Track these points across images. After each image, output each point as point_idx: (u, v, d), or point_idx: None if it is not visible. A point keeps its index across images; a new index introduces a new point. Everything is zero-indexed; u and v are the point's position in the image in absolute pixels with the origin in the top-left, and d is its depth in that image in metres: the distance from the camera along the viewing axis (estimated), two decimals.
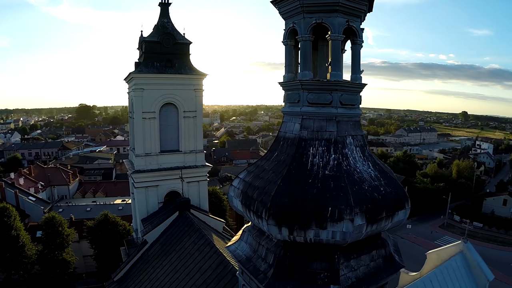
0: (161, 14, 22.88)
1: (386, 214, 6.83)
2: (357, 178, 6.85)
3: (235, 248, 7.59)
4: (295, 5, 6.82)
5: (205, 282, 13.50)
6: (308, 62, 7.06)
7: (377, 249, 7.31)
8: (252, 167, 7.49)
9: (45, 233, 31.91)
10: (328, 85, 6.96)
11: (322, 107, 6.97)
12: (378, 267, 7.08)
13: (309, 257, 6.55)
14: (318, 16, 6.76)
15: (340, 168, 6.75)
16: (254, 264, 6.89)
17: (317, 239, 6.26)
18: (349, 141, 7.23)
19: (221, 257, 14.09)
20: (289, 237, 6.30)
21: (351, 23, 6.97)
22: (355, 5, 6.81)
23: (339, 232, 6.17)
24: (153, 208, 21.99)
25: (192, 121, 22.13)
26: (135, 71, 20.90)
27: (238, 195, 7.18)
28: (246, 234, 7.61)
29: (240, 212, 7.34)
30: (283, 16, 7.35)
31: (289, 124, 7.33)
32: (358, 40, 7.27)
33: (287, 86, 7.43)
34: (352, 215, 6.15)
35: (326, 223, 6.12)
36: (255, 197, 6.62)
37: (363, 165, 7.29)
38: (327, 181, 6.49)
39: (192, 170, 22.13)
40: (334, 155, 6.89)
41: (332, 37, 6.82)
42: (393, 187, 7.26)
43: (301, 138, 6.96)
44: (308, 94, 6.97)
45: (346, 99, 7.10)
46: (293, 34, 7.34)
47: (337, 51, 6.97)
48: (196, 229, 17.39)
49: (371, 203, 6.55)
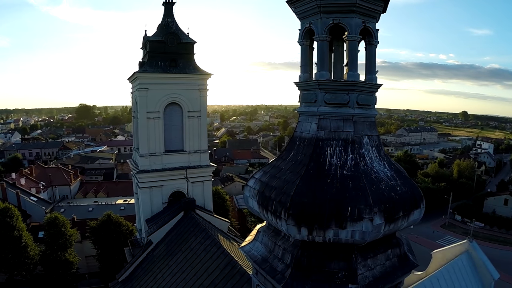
0: (165, 14, 22.79)
1: (403, 214, 6.85)
2: (375, 178, 6.88)
3: (249, 248, 7.53)
4: (312, 5, 6.79)
5: (213, 283, 13.41)
6: (325, 62, 7.06)
7: (392, 248, 7.33)
8: (267, 167, 7.43)
9: (47, 233, 31.75)
10: (345, 85, 6.98)
11: (339, 107, 6.98)
12: (393, 266, 7.11)
13: (327, 256, 6.55)
14: (335, 17, 6.75)
15: (358, 168, 6.77)
16: (271, 265, 6.87)
17: (336, 238, 6.26)
18: (365, 141, 7.26)
19: (228, 257, 14.00)
20: (308, 237, 6.30)
21: (367, 24, 6.97)
22: (371, 6, 6.82)
23: (359, 231, 6.18)
24: (158, 208, 21.90)
25: (196, 121, 22.04)
26: (139, 71, 20.80)
27: (254, 196, 7.12)
28: (260, 235, 7.55)
29: (256, 213, 7.27)
30: (299, 16, 7.30)
31: (305, 124, 7.31)
32: (374, 41, 7.27)
33: (303, 86, 7.40)
34: (371, 214, 6.16)
35: (345, 222, 6.12)
36: (273, 197, 6.58)
37: (379, 165, 7.33)
38: (346, 181, 6.51)
39: (197, 170, 22.05)
40: (351, 155, 6.93)
41: (349, 37, 6.83)
42: (409, 187, 7.29)
43: (318, 138, 6.95)
44: (325, 95, 6.96)
45: (363, 99, 7.11)
46: (309, 34, 7.32)
47: (354, 51, 6.98)
48: (202, 229, 17.31)
49: (389, 203, 6.57)
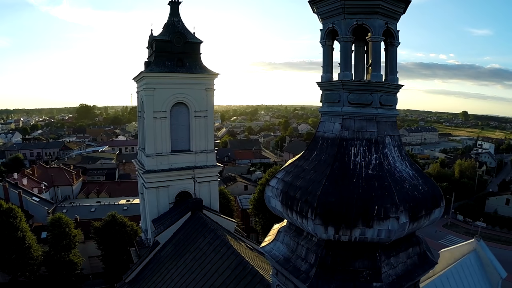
0: (171, 13, 22.69)
1: (425, 212, 6.90)
2: (398, 177, 6.91)
3: (270, 248, 7.49)
4: (336, 6, 6.80)
5: (224, 283, 13.29)
6: (349, 62, 7.08)
7: (413, 246, 7.39)
8: (289, 166, 7.40)
9: (51, 234, 31.50)
10: (369, 86, 7.01)
11: (362, 108, 7.00)
12: (414, 264, 7.17)
13: (351, 255, 6.58)
14: (359, 18, 6.79)
15: (382, 168, 6.79)
16: (294, 264, 6.87)
17: (362, 237, 6.30)
18: (388, 141, 7.31)
19: (239, 257, 13.87)
20: (334, 236, 6.31)
21: (389, 25, 7.02)
22: (394, 7, 6.85)
23: (385, 230, 6.22)
24: (164, 209, 21.79)
25: (203, 121, 21.93)
26: (146, 70, 20.68)
27: (277, 195, 7.09)
28: (281, 235, 7.51)
29: (279, 213, 7.24)
30: (321, 16, 7.30)
31: (328, 124, 7.31)
32: (395, 42, 7.32)
33: (326, 86, 7.40)
34: (397, 213, 6.21)
35: (372, 221, 6.16)
36: (298, 197, 6.57)
37: (401, 164, 7.39)
38: (371, 180, 6.53)
39: (203, 170, 21.94)
40: (375, 155, 6.95)
41: (373, 38, 6.87)
42: (430, 186, 7.33)
43: (342, 138, 6.95)
44: (349, 95, 6.98)
45: (386, 100, 7.15)
46: (331, 35, 7.34)
47: (377, 52, 7.01)
48: (211, 230, 17.19)
49: (413, 202, 6.62)
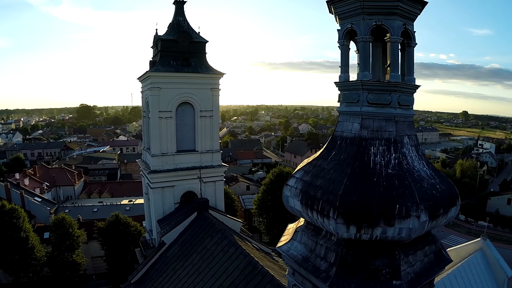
0: (176, 13, 22.61)
1: (443, 211, 6.97)
2: (417, 176, 6.97)
3: (287, 248, 7.49)
4: (355, 6, 6.84)
5: (233, 283, 13.21)
6: (368, 62, 7.11)
7: (429, 244, 7.47)
8: (308, 166, 7.38)
9: (55, 234, 31.36)
10: (388, 86, 7.06)
11: (381, 108, 7.05)
12: (430, 262, 7.27)
13: (371, 254, 6.63)
14: (378, 18, 6.85)
15: (402, 167, 6.85)
16: (313, 264, 6.89)
17: (383, 236, 6.34)
18: (406, 140, 7.40)
19: (248, 257, 13.80)
20: (355, 235, 6.34)
21: (407, 26, 7.09)
22: (411, 9, 6.95)
23: (406, 228, 6.29)
24: (169, 209, 21.69)
25: (208, 121, 21.85)
26: (151, 70, 20.59)
27: (296, 195, 7.09)
28: (299, 234, 7.53)
29: (297, 212, 7.23)
30: (340, 16, 7.31)
31: (346, 123, 7.34)
32: (412, 43, 7.43)
33: (345, 86, 7.43)
34: (418, 211, 6.28)
35: (394, 220, 6.21)
36: (319, 196, 6.58)
37: (419, 163, 7.45)
38: (392, 180, 6.58)
39: (209, 170, 21.85)
40: (394, 154, 7.02)
41: (392, 39, 6.93)
42: (446, 185, 7.39)
43: (362, 138, 6.99)
44: (368, 95, 7.03)
45: (404, 100, 7.22)
46: (349, 35, 7.37)
47: (396, 53, 7.07)
48: (218, 230, 17.12)
49: (431, 200, 6.68)
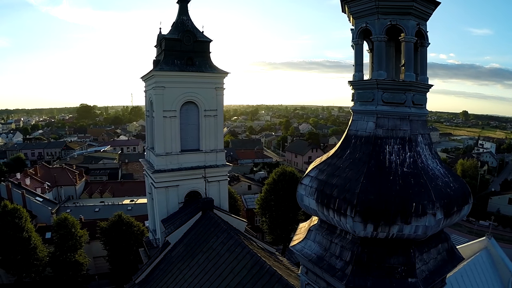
0: (180, 12, 22.52)
1: (457, 209, 7.01)
2: (432, 174, 7.00)
3: (301, 247, 7.50)
4: (370, 6, 6.87)
5: (241, 283, 13.16)
6: (382, 62, 7.13)
7: (442, 242, 7.51)
8: (322, 165, 7.37)
9: (57, 234, 31.27)
10: (403, 85, 7.10)
11: (396, 106, 7.08)
12: (443, 260, 7.32)
13: (386, 252, 6.65)
14: (392, 18, 6.88)
15: (417, 165, 6.87)
16: (328, 263, 6.90)
17: (399, 234, 6.36)
18: (420, 139, 7.39)
19: (255, 257, 13.74)
20: (372, 233, 6.35)
21: (421, 26, 7.13)
22: (425, 9, 7.01)
23: (422, 226, 6.32)
24: (173, 209, 21.63)
25: (213, 120, 21.78)
26: (156, 69, 20.52)
27: (311, 193, 7.09)
28: (313, 233, 7.53)
29: (311, 211, 7.23)
30: (354, 15, 7.33)
31: (361, 122, 7.36)
32: (425, 43, 7.48)
33: (360, 85, 7.44)
34: (434, 209, 6.32)
35: (410, 218, 6.24)
36: (336, 195, 6.58)
37: (433, 162, 7.46)
38: (407, 178, 6.60)
39: (213, 170, 21.76)
40: (409, 153, 7.03)
41: (406, 39, 6.98)
42: (459, 183, 7.42)
43: (377, 136, 7.00)
44: (383, 94, 7.06)
45: (418, 99, 7.25)
46: (363, 34, 7.39)
47: (410, 52, 7.10)
48: (224, 230, 17.06)
49: (446, 198, 6.72)
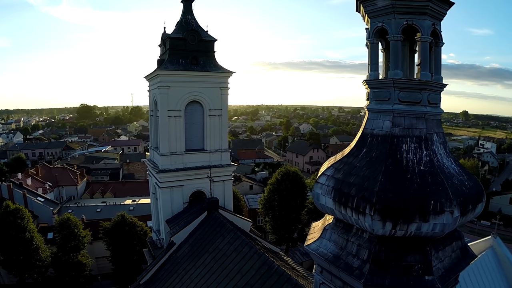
0: (184, 11, 22.52)
1: (472, 207, 7.02)
2: (447, 173, 7.00)
3: (317, 246, 7.47)
4: (386, 5, 6.87)
5: (249, 283, 13.12)
6: (399, 61, 7.13)
7: (456, 240, 7.53)
8: (338, 163, 7.35)
9: (59, 235, 31.11)
10: (419, 84, 7.11)
11: (412, 106, 7.09)
12: (457, 258, 7.35)
13: (403, 250, 6.67)
14: (409, 18, 6.90)
15: (433, 164, 6.87)
16: (345, 261, 6.90)
17: (417, 232, 6.38)
18: (435, 138, 7.38)
19: (263, 257, 13.70)
20: (391, 232, 6.35)
21: (436, 26, 7.17)
22: (440, 9, 7.05)
23: (439, 224, 6.35)
24: (178, 209, 21.60)
25: (217, 120, 21.76)
26: (160, 68, 20.48)
27: (328, 192, 7.06)
28: (328, 232, 7.52)
29: (328, 210, 7.21)
30: (369, 14, 7.31)
31: (377, 121, 7.35)
32: (440, 42, 7.52)
33: (375, 84, 7.43)
34: (451, 207, 6.35)
35: (429, 216, 6.26)
36: (354, 194, 6.57)
37: (448, 160, 7.45)
38: (425, 176, 6.61)
39: (218, 170, 21.74)
40: (425, 152, 7.02)
41: (422, 38, 7.00)
42: (473, 181, 7.43)
43: (394, 135, 6.98)
44: (400, 93, 7.06)
45: (433, 98, 7.27)
46: (379, 34, 7.39)
47: (426, 52, 7.13)
48: (230, 230, 17.02)
49: (462, 196, 6.73)
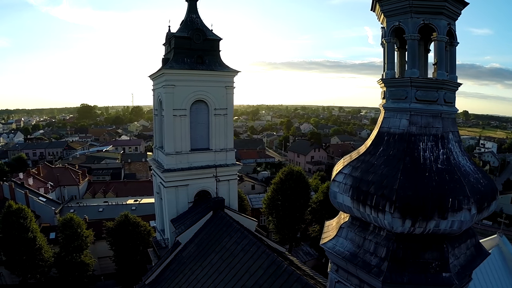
0: (189, 10, 22.45)
1: (487, 205, 7.07)
2: (464, 171, 7.04)
3: (333, 245, 7.48)
4: (404, 5, 6.93)
5: (257, 283, 13.09)
6: (416, 60, 7.18)
7: (470, 238, 7.60)
8: (355, 162, 7.36)
9: (62, 235, 31.00)
10: (436, 83, 7.16)
11: (429, 104, 7.14)
12: (472, 255, 7.43)
13: (421, 248, 6.71)
14: (425, 17, 6.96)
15: (450, 162, 6.91)
16: (363, 259, 6.91)
17: (436, 229, 6.43)
18: (450, 136, 7.43)
19: (272, 256, 13.67)
20: (409, 229, 6.37)
21: (451, 26, 7.23)
22: (455, 9, 7.11)
23: (457, 221, 6.41)
24: (183, 208, 21.55)
25: (222, 119, 21.72)
26: (166, 67, 20.40)
27: (346, 191, 7.07)
28: (344, 230, 7.54)
29: (345, 208, 7.21)
30: (386, 14, 7.34)
31: (393, 119, 7.37)
32: (455, 42, 7.57)
33: (392, 83, 7.47)
34: (469, 204, 6.41)
35: (447, 213, 6.32)
36: (373, 191, 6.58)
37: (463, 159, 7.49)
38: (442, 174, 6.65)
39: (223, 169, 21.69)
40: (442, 150, 7.05)
41: (438, 38, 7.08)
42: (488, 179, 7.48)
43: (411, 134, 7.01)
44: (417, 92, 7.11)
45: (449, 97, 7.34)
46: (395, 33, 7.41)
47: (442, 51, 7.19)
48: (237, 229, 16.97)
49: (479, 194, 6.78)
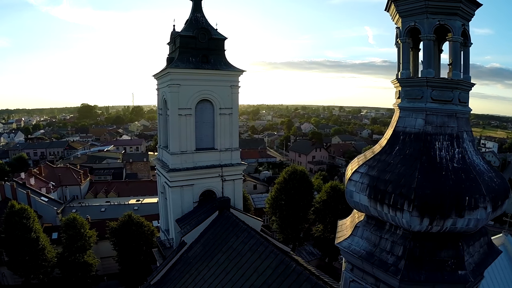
0: (194, 9, 22.43)
1: (501, 203, 7.14)
2: (478, 170, 7.11)
3: (348, 244, 7.52)
4: (420, 5, 6.98)
5: (266, 283, 13.08)
6: (431, 60, 7.23)
7: (483, 236, 7.67)
8: (371, 161, 7.42)
9: (65, 235, 30.89)
10: (451, 83, 7.23)
11: (444, 104, 7.20)
12: (485, 253, 7.52)
13: (437, 246, 6.77)
14: (441, 18, 7.01)
15: (465, 161, 6.99)
16: (379, 258, 6.95)
17: (452, 227, 6.49)
18: (465, 136, 7.50)
19: (280, 256, 13.65)
20: (427, 227, 6.44)
21: (465, 27, 7.30)
22: (469, 10, 7.19)
23: (474, 219, 6.48)
24: (188, 208, 21.54)
25: (228, 118, 21.69)
26: (171, 66, 20.37)
27: (363, 190, 7.12)
28: (360, 229, 7.58)
29: (362, 207, 7.25)
30: (401, 14, 7.38)
31: (409, 119, 7.44)
32: (469, 43, 7.65)
33: (408, 83, 7.53)
34: (485, 203, 6.50)
35: (464, 211, 6.39)
36: (391, 190, 6.62)
37: (477, 158, 7.56)
38: (458, 173, 6.72)
39: (228, 169, 21.67)
40: (457, 149, 7.12)
41: (454, 38, 7.14)
42: (501, 178, 7.54)
43: (427, 133, 7.07)
44: (433, 91, 7.17)
45: (463, 97, 7.43)
46: (410, 33, 7.46)
47: (457, 52, 7.25)
48: (244, 229, 16.96)
49: (494, 192, 6.85)
